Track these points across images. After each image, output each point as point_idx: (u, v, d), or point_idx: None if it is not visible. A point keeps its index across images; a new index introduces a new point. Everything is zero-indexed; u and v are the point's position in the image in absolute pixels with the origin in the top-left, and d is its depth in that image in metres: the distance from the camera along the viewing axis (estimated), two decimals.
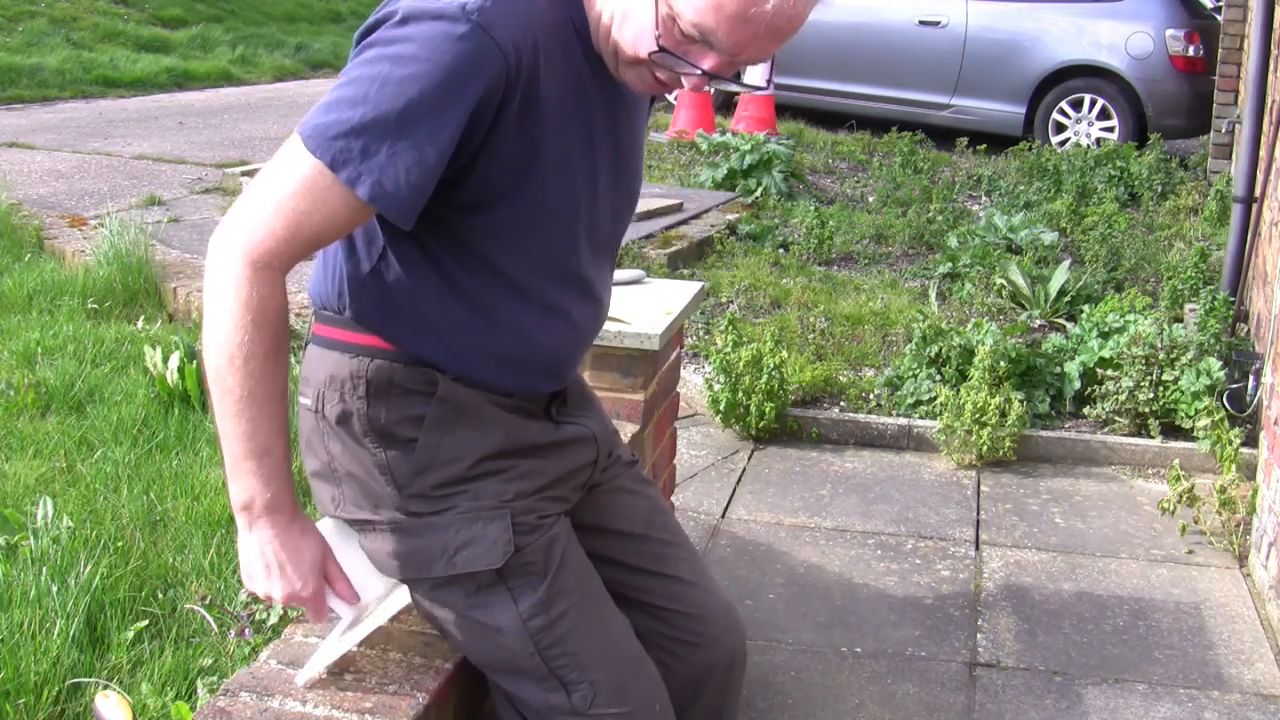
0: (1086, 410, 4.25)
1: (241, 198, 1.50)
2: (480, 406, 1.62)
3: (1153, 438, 4.07)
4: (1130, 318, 4.43)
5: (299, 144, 1.45)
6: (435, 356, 1.61)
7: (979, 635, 3.02)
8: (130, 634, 2.52)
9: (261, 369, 1.47)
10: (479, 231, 1.55)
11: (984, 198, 7.62)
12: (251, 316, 1.45)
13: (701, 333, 4.93)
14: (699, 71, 1.47)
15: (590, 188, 1.62)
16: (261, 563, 1.56)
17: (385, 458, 1.61)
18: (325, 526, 1.68)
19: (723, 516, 3.64)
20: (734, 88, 1.58)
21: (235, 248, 1.46)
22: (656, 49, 1.46)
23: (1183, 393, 4.02)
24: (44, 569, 2.65)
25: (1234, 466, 3.68)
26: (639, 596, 1.80)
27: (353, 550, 1.68)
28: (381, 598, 1.73)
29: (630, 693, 1.64)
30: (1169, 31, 8.67)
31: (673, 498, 3.23)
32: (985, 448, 3.96)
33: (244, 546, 1.57)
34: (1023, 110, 9.12)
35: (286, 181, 1.46)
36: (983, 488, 3.89)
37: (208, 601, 2.56)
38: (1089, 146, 8.49)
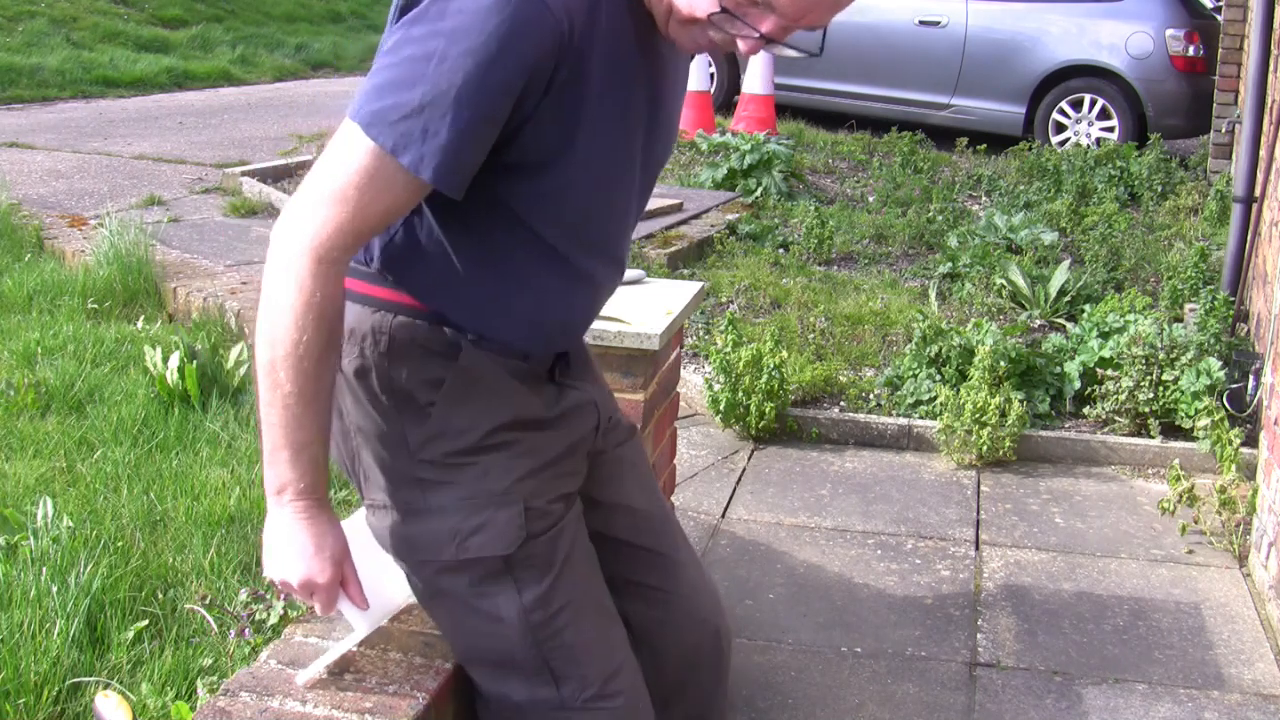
0: (1086, 410, 4.25)
1: (303, 189, 1.47)
2: (496, 377, 1.61)
3: (1153, 438, 4.07)
4: (1130, 318, 4.43)
5: (358, 132, 1.42)
6: (458, 315, 1.59)
7: (979, 635, 3.02)
8: (130, 634, 2.51)
9: (315, 368, 1.46)
10: (521, 194, 1.54)
11: (984, 198, 7.62)
12: (313, 315, 1.44)
13: (701, 333, 4.93)
14: (757, 34, 1.45)
15: (629, 152, 1.61)
16: (284, 544, 1.54)
17: (400, 418, 1.59)
18: (350, 526, 1.67)
19: (723, 516, 3.64)
20: (789, 52, 1.54)
21: (300, 242, 1.44)
22: (718, 10, 1.44)
23: (1183, 393, 4.02)
24: (44, 569, 2.65)
25: (1234, 466, 3.68)
26: (632, 575, 1.81)
27: (373, 556, 1.67)
28: (399, 608, 1.72)
29: (618, 685, 1.65)
30: (1169, 31, 8.67)
31: (673, 498, 3.23)
32: (985, 448, 3.96)
33: (269, 528, 1.56)
34: (1023, 110, 9.12)
35: (349, 171, 1.43)
36: (983, 488, 3.89)
37: (208, 601, 2.56)
38: (1089, 146, 8.49)
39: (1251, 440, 3.80)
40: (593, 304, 1.72)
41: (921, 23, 9.43)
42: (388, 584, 1.69)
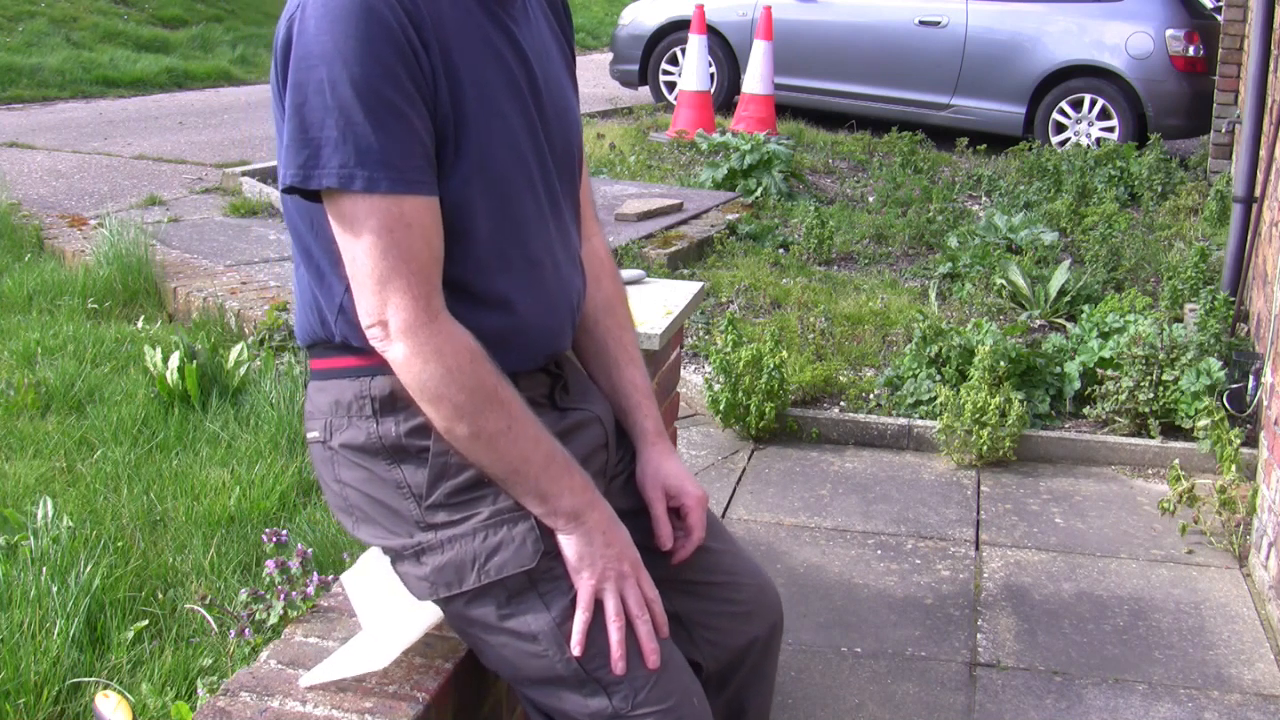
0: (1086, 410, 4.25)
1: (356, 291, 1.51)
2: None
3: (1153, 438, 4.07)
4: (1130, 318, 4.43)
5: (341, 200, 1.47)
6: None
7: (979, 635, 3.02)
8: (130, 634, 2.52)
9: (502, 407, 1.52)
10: (443, 206, 1.55)
11: (984, 198, 7.62)
12: (467, 363, 1.50)
13: (701, 333, 4.93)
14: None
15: (527, 124, 1.63)
16: (599, 551, 1.60)
17: (401, 473, 1.60)
18: (371, 558, 1.67)
19: (723, 516, 3.63)
20: None
21: (395, 338, 1.49)
22: None
23: (1183, 393, 4.02)
24: (44, 569, 2.65)
25: (1234, 466, 3.68)
26: (674, 574, 1.80)
27: (396, 582, 1.67)
28: (427, 629, 1.72)
29: (669, 688, 1.62)
30: (1169, 31, 8.67)
31: None
32: (985, 448, 3.96)
33: (579, 541, 1.60)
34: (1023, 110, 9.12)
35: (364, 238, 1.47)
36: (983, 488, 3.89)
37: (208, 601, 2.56)
38: (1089, 146, 8.49)
39: (1251, 440, 3.80)
40: (559, 293, 1.70)
41: (921, 23, 9.42)
42: (411, 609, 1.68)
